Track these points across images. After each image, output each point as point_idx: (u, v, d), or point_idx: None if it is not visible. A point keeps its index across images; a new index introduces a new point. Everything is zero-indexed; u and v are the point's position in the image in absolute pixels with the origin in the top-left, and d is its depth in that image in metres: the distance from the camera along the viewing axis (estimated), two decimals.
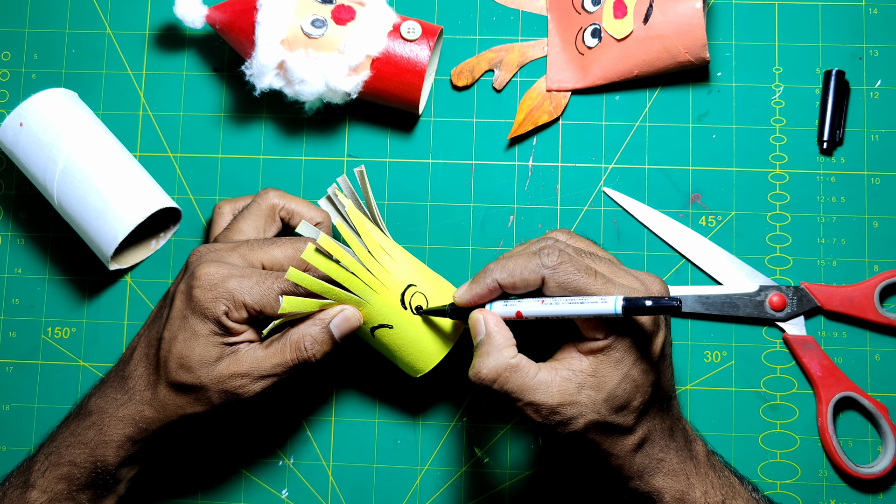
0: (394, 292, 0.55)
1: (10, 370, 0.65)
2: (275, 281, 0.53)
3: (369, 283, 0.54)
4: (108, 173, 0.61)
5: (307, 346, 0.53)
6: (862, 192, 0.64)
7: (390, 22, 0.62)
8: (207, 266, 0.53)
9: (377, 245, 0.55)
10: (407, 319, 0.55)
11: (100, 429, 0.55)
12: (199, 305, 0.53)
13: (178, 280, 0.56)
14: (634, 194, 0.65)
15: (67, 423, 0.56)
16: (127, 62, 0.68)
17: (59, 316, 0.66)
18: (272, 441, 0.64)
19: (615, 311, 0.47)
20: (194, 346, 0.53)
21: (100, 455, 0.54)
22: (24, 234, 0.67)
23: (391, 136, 0.66)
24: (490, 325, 0.52)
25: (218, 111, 0.67)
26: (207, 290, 0.53)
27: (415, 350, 0.56)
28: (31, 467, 0.55)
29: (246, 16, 0.61)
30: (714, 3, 0.66)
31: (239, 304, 0.53)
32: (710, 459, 0.54)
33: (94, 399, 0.56)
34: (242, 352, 0.54)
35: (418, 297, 0.56)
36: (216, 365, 0.53)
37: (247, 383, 0.53)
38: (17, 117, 0.61)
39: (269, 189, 0.60)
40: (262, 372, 0.53)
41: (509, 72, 0.66)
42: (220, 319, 0.53)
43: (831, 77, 0.64)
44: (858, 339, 0.63)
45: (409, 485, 0.63)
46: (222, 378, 0.53)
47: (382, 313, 0.55)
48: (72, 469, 0.54)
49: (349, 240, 0.54)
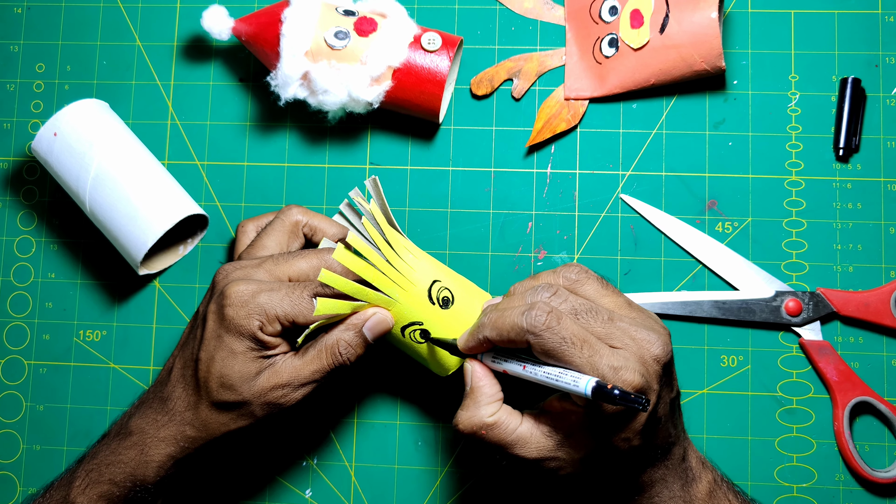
0: (420, 288, 0.56)
1: (43, 371, 0.68)
2: (304, 290, 0.54)
3: (397, 280, 0.55)
4: (138, 181, 0.63)
5: (342, 350, 0.54)
6: (878, 198, 0.64)
7: (411, 33, 0.63)
8: (236, 284, 0.54)
9: (399, 244, 0.56)
10: (435, 315, 0.56)
11: (141, 449, 0.55)
12: (233, 323, 0.53)
13: (207, 300, 0.56)
14: (652, 201, 0.65)
15: (108, 441, 0.57)
16: (156, 73, 0.70)
17: (90, 319, 0.68)
18: (297, 442, 0.65)
19: (585, 392, 0.47)
20: (233, 364, 0.54)
21: (140, 474, 0.55)
22: (57, 240, 0.69)
23: (412, 145, 0.67)
24: (476, 379, 0.53)
25: (244, 120, 0.69)
26: (239, 307, 0.53)
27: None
28: (72, 483, 0.56)
29: (271, 28, 0.63)
30: (730, 13, 0.67)
31: (272, 317, 0.53)
32: (712, 499, 0.54)
33: (134, 419, 0.56)
34: (280, 363, 0.54)
35: (444, 292, 0.57)
36: (256, 379, 0.54)
37: (288, 392, 0.54)
38: (52, 127, 0.63)
39: (291, 206, 0.61)
40: (302, 380, 0.54)
41: (528, 81, 0.67)
42: (256, 335, 0.54)
43: (847, 84, 0.65)
44: (874, 344, 0.63)
45: (430, 486, 0.64)
46: (264, 391, 0.54)
47: (412, 311, 0.56)
48: (111, 488, 0.55)
49: (374, 237, 0.55)
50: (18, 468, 0.67)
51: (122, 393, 0.67)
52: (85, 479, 0.56)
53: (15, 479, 0.67)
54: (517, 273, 0.65)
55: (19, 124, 0.70)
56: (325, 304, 0.53)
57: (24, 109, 0.70)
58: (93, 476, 0.55)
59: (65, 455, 0.66)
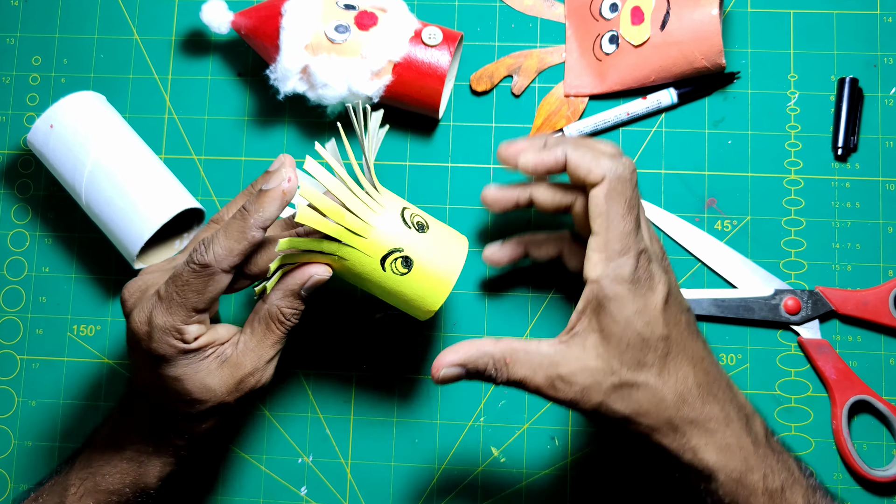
0: (393, 213, 0.53)
1: (36, 366, 0.67)
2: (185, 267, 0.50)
3: (367, 203, 0.52)
4: (134, 175, 0.63)
5: (287, 316, 0.52)
6: (876, 197, 0.65)
7: (412, 28, 0.63)
8: (134, 316, 0.51)
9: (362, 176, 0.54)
10: (414, 238, 0.53)
11: (137, 462, 0.54)
12: (155, 354, 0.50)
13: (126, 333, 0.53)
14: (651, 199, 0.65)
15: (100, 450, 0.55)
16: (153, 67, 0.69)
17: (84, 314, 0.67)
18: (292, 439, 0.65)
19: None
20: (185, 384, 0.51)
21: (140, 482, 0.54)
22: (52, 234, 0.68)
23: (411, 140, 0.67)
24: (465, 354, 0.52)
25: (242, 115, 0.68)
26: (148, 341, 0.50)
27: (432, 272, 0.54)
28: (67, 490, 0.54)
29: (271, 21, 0.63)
30: (730, 11, 0.67)
31: (177, 328, 0.50)
32: (770, 440, 0.51)
33: (122, 432, 0.55)
34: (234, 354, 0.52)
35: (417, 217, 0.54)
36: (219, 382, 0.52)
37: (258, 378, 0.53)
38: (48, 120, 0.62)
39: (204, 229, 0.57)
40: (266, 357, 0.53)
41: (528, 77, 0.67)
42: (181, 351, 0.50)
43: (845, 84, 0.65)
44: (873, 343, 0.63)
45: (427, 484, 0.64)
46: (231, 389, 0.52)
47: (388, 236, 0.52)
48: (109, 497, 0.54)
49: (336, 169, 0.52)
50: (10, 464, 0.66)
51: (116, 388, 0.66)
52: (80, 486, 0.54)
53: (6, 476, 0.66)
54: (516, 271, 0.65)
55: (15, 117, 0.70)
56: (306, 214, 0.49)
57: (19, 102, 0.70)
58: (88, 485, 0.54)
59: (57, 451, 0.66)
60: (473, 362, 0.51)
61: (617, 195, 0.51)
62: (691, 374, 0.50)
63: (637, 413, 0.49)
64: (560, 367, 0.50)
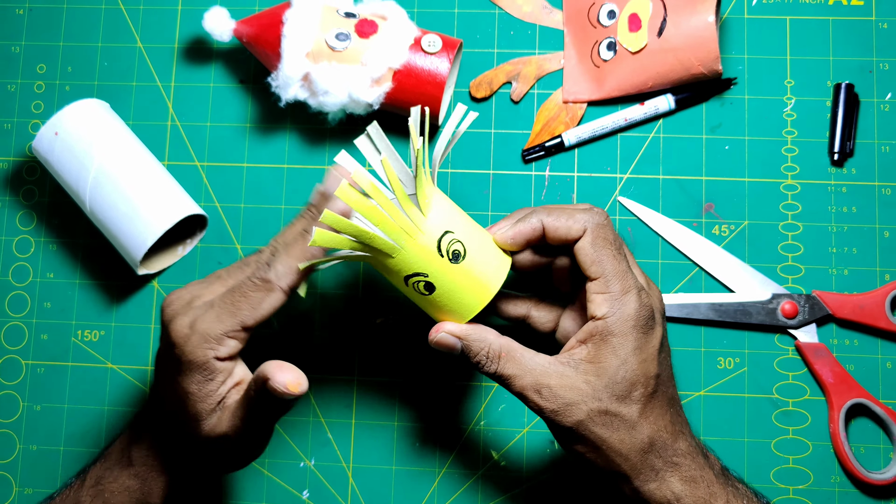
0: (430, 237, 0.52)
1: (41, 371, 0.67)
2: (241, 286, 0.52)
3: (404, 225, 0.51)
4: (138, 181, 0.63)
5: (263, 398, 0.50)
6: (873, 202, 0.65)
7: (412, 35, 0.63)
8: (177, 320, 0.52)
9: (422, 183, 0.52)
10: (443, 268, 0.52)
11: (144, 479, 0.55)
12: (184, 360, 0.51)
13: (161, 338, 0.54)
14: (649, 204, 0.66)
15: (110, 466, 0.56)
16: (156, 74, 0.70)
17: (88, 319, 0.68)
18: (294, 443, 0.65)
19: None
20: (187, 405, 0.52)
21: (145, 501, 0.55)
22: (56, 240, 0.69)
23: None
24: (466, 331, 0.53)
25: (244, 122, 0.69)
26: (183, 343, 0.51)
27: (450, 302, 0.53)
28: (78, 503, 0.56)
29: (272, 29, 0.63)
30: (726, 18, 0.68)
31: (218, 337, 0.51)
32: (726, 473, 0.54)
33: (134, 449, 0.56)
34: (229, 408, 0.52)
35: (455, 245, 0.53)
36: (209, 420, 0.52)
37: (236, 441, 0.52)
38: (52, 127, 0.63)
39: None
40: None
41: (527, 84, 0.68)
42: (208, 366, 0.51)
43: (841, 90, 0.65)
44: (870, 347, 0.64)
45: (427, 487, 0.64)
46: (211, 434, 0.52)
47: (417, 260, 0.52)
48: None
49: (390, 176, 0.50)
50: (15, 468, 0.67)
51: (120, 393, 0.67)
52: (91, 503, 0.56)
53: (11, 480, 0.66)
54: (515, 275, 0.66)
55: (20, 125, 0.70)
56: (323, 235, 0.49)
57: (24, 110, 0.70)
58: (97, 502, 0.55)
59: (61, 455, 0.66)
60: (470, 343, 0.53)
61: (601, 240, 0.53)
62: (668, 412, 0.53)
63: (612, 442, 0.51)
64: (550, 378, 0.52)
